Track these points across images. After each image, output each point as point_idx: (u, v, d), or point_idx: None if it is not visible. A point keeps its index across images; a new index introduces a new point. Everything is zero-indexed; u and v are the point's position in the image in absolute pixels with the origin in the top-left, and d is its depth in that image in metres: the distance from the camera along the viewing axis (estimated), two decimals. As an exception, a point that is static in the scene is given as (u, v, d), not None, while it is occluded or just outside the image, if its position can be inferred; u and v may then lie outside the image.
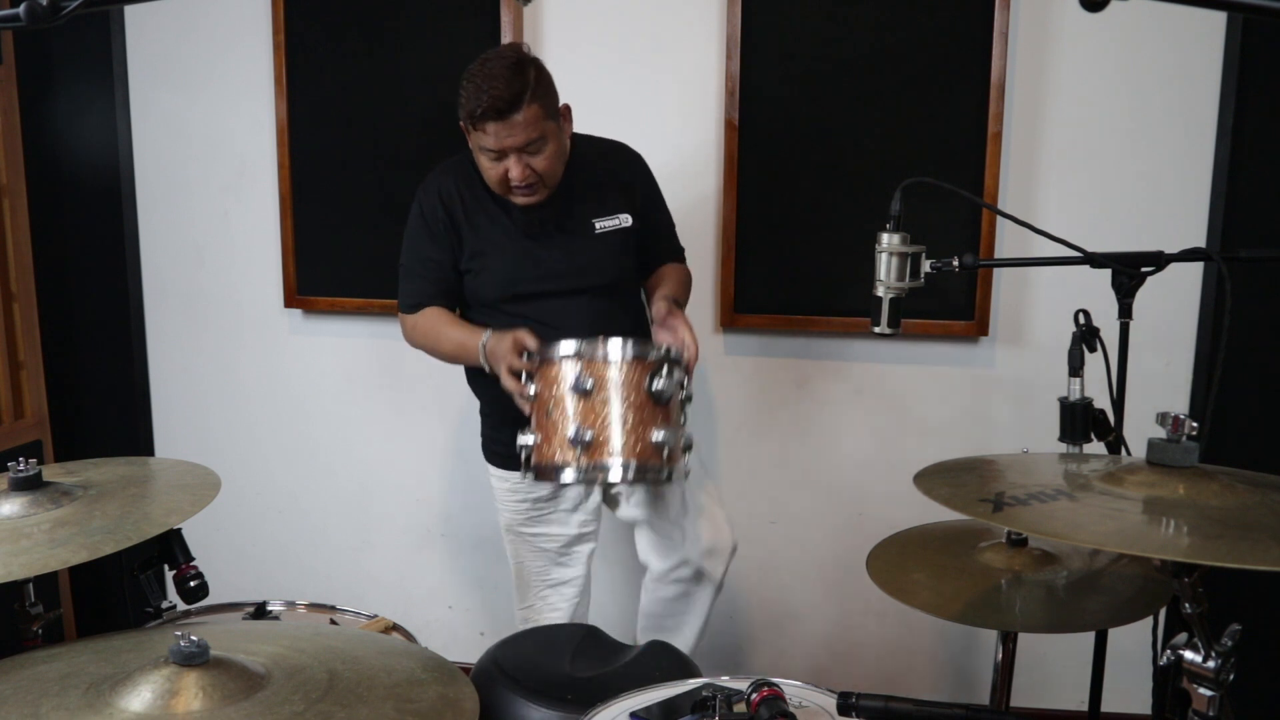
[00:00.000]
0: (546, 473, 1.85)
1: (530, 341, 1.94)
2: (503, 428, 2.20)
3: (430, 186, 2.21)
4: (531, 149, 2.02)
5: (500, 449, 2.28)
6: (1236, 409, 2.57)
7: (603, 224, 2.19)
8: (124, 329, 3.10)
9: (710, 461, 2.94)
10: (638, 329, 2.25)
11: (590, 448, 1.80)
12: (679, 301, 2.25)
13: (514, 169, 2.02)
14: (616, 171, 2.24)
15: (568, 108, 2.13)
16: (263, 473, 3.12)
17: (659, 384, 1.81)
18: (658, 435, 1.81)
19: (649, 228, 2.27)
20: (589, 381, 1.80)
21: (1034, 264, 2.37)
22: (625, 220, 2.20)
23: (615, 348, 1.81)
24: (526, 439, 1.86)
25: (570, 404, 1.81)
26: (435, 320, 2.21)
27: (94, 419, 3.14)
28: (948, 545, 1.86)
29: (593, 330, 2.09)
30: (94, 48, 2.96)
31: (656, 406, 1.83)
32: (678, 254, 2.39)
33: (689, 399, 1.92)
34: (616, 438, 1.80)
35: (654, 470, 1.83)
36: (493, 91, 1.96)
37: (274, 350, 3.07)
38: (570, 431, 1.80)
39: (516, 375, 1.93)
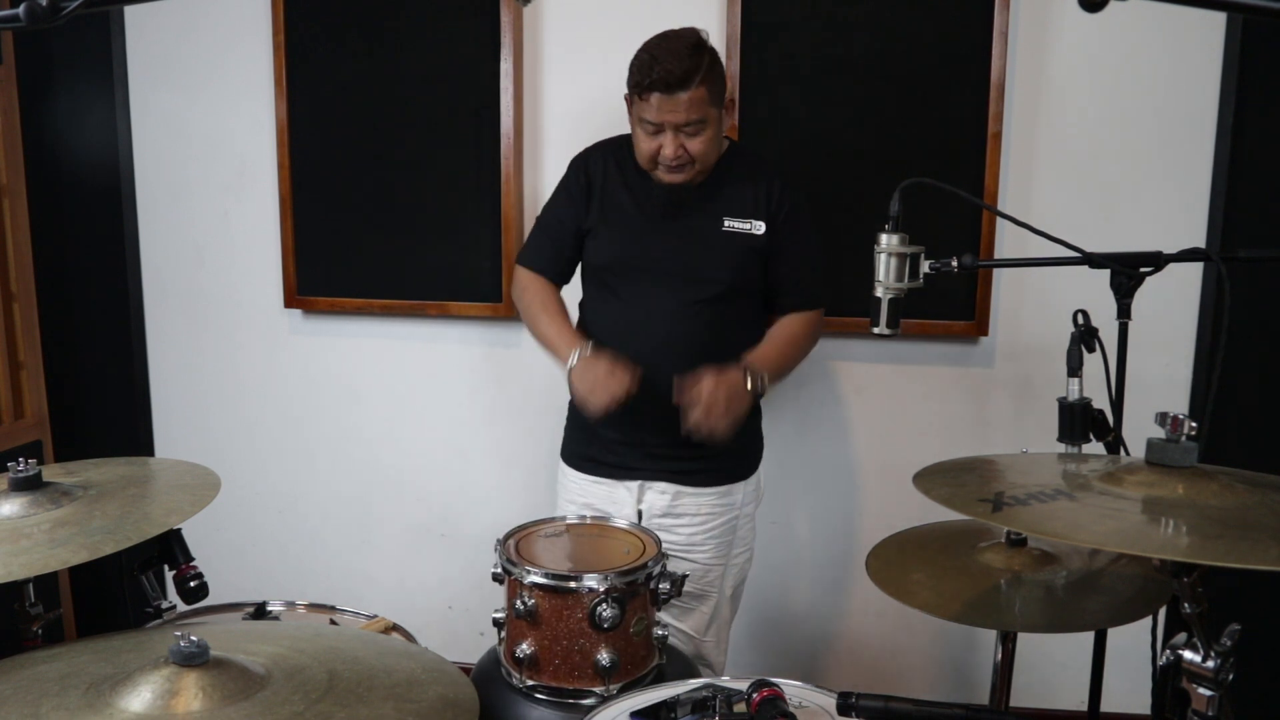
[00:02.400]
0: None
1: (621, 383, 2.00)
2: (583, 430, 2.25)
3: (582, 154, 2.28)
4: (690, 129, 2.03)
5: (579, 449, 2.30)
6: (1236, 409, 2.57)
7: (732, 223, 2.16)
8: (124, 329, 3.10)
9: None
10: (740, 347, 2.16)
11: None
12: (753, 370, 2.07)
13: (668, 145, 2.03)
14: (763, 181, 2.19)
15: (732, 102, 2.14)
16: (263, 473, 3.12)
17: None
18: None
19: (780, 250, 2.19)
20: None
21: (1033, 264, 2.37)
22: (758, 227, 2.15)
23: None
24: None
25: None
26: (541, 297, 2.22)
27: (94, 419, 3.14)
28: (947, 545, 1.86)
29: (689, 336, 2.13)
30: (94, 48, 2.96)
31: None
32: (810, 299, 2.25)
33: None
34: None
35: None
36: (666, 64, 1.98)
37: (274, 350, 3.07)
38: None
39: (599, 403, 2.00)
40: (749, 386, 2.06)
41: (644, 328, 2.16)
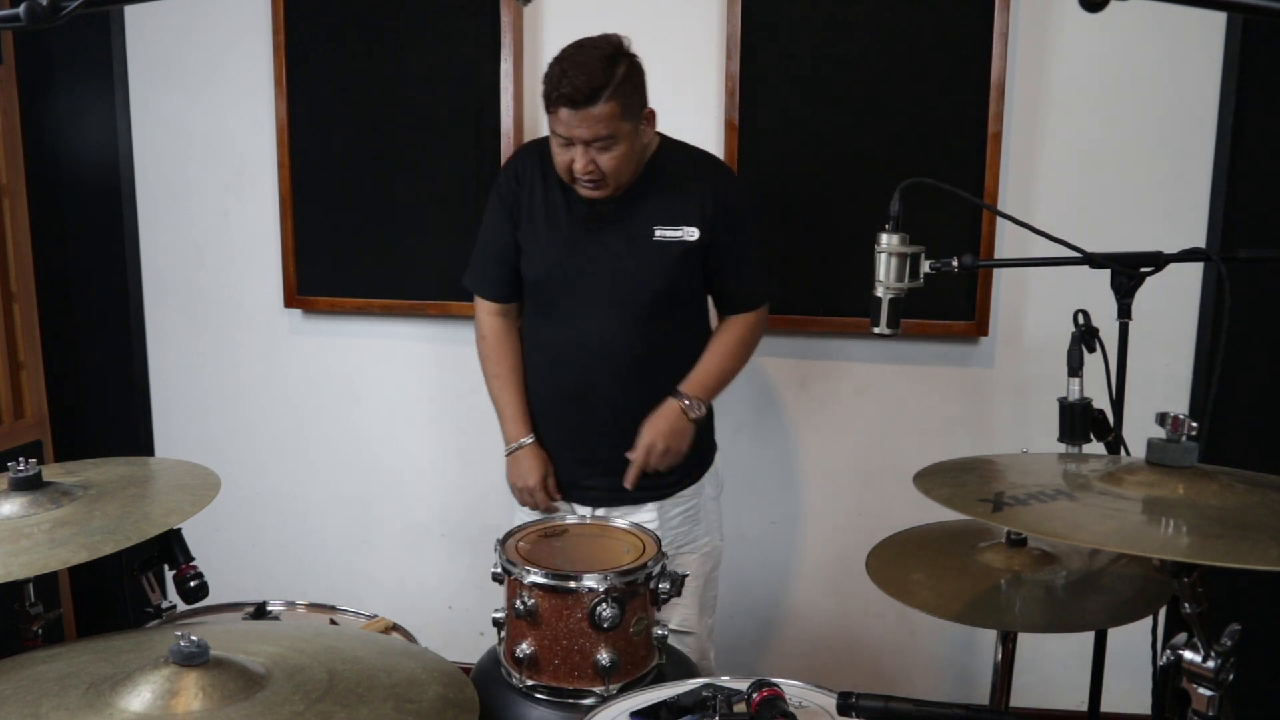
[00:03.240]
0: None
1: (539, 499, 2.16)
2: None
3: (512, 158, 2.25)
4: (600, 145, 1.98)
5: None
6: (1236, 409, 2.57)
7: (663, 232, 2.10)
8: (124, 329, 3.10)
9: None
10: (682, 354, 2.19)
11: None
12: (689, 403, 2.13)
13: (579, 160, 1.99)
14: (696, 183, 2.13)
15: (652, 112, 2.08)
16: (263, 473, 3.12)
17: None
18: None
19: (720, 252, 2.14)
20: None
21: (1033, 264, 2.37)
22: (690, 233, 2.10)
23: None
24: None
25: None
26: (496, 355, 2.24)
27: (94, 419, 3.14)
28: (947, 545, 1.86)
29: (627, 350, 2.11)
30: (94, 48, 2.96)
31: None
32: (751, 301, 2.24)
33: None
34: None
35: None
36: (574, 80, 1.93)
37: (274, 350, 3.07)
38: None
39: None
40: (690, 418, 2.14)
41: (580, 345, 2.13)
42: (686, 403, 2.13)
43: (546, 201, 2.14)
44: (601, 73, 1.94)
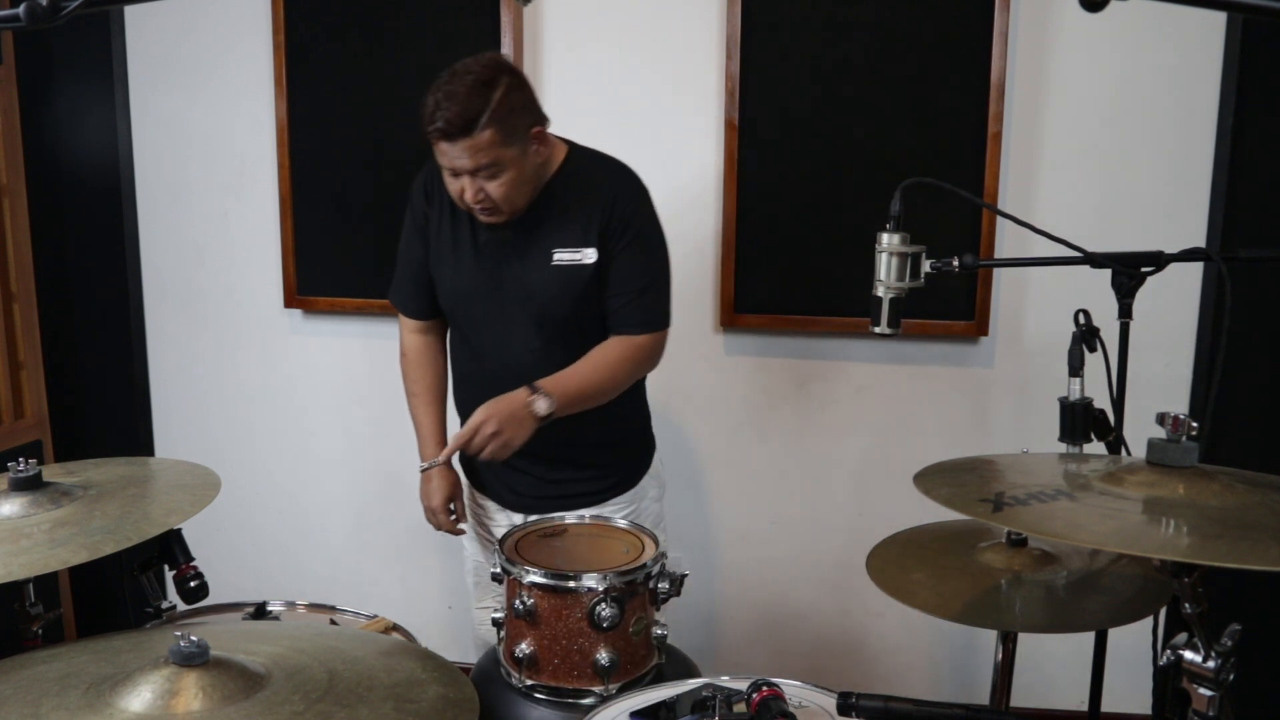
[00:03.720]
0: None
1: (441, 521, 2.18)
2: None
3: (419, 178, 2.15)
4: (485, 174, 1.88)
5: (464, 461, 2.28)
6: (1236, 409, 2.57)
7: (561, 256, 1.99)
8: (124, 329, 3.10)
9: (710, 461, 2.94)
10: None
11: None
12: (539, 393, 1.92)
13: (468, 190, 1.91)
14: (594, 202, 2.00)
15: (540, 132, 1.94)
16: (263, 473, 3.12)
17: None
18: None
19: (609, 270, 2.00)
20: None
21: (1034, 264, 2.37)
22: (588, 255, 1.99)
23: None
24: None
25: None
26: (413, 374, 2.27)
27: (94, 419, 3.14)
28: (948, 545, 1.86)
29: (543, 370, 2.01)
30: (94, 48, 2.97)
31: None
32: (635, 324, 2.04)
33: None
34: None
35: None
36: (447, 112, 1.83)
37: (274, 350, 3.08)
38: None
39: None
40: (532, 412, 1.92)
41: (494, 368, 2.08)
42: (533, 395, 1.93)
43: (453, 225, 2.07)
44: (476, 100, 1.83)
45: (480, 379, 2.13)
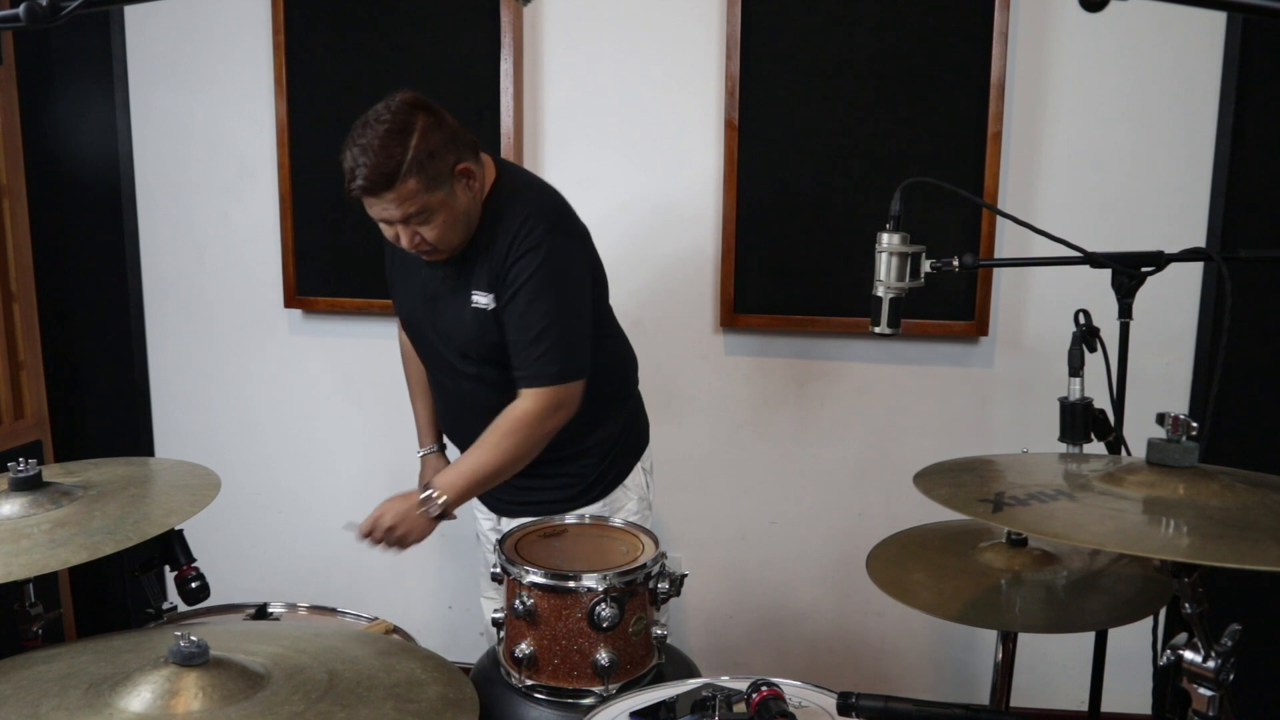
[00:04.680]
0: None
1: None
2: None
3: None
4: (416, 221, 1.84)
5: None
6: (1236, 409, 2.57)
7: (477, 298, 1.95)
8: (124, 329, 3.10)
9: (710, 461, 2.94)
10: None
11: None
12: (432, 495, 1.92)
13: (403, 238, 1.88)
14: (500, 244, 1.92)
15: (466, 168, 1.87)
16: (263, 473, 3.12)
17: None
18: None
19: (505, 323, 1.93)
20: None
21: (1034, 264, 2.37)
22: (490, 300, 1.94)
23: None
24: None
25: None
26: (407, 369, 2.33)
27: (94, 419, 3.14)
28: (948, 545, 1.86)
29: (480, 400, 2.03)
30: (94, 48, 2.96)
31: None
32: (527, 377, 1.93)
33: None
34: None
35: None
36: (365, 169, 1.80)
37: (274, 350, 3.08)
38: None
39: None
40: (423, 511, 1.94)
41: (445, 390, 2.15)
42: (425, 494, 1.94)
43: (403, 256, 2.05)
44: (393, 151, 1.79)
45: (440, 395, 2.21)
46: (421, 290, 2.06)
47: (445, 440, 2.35)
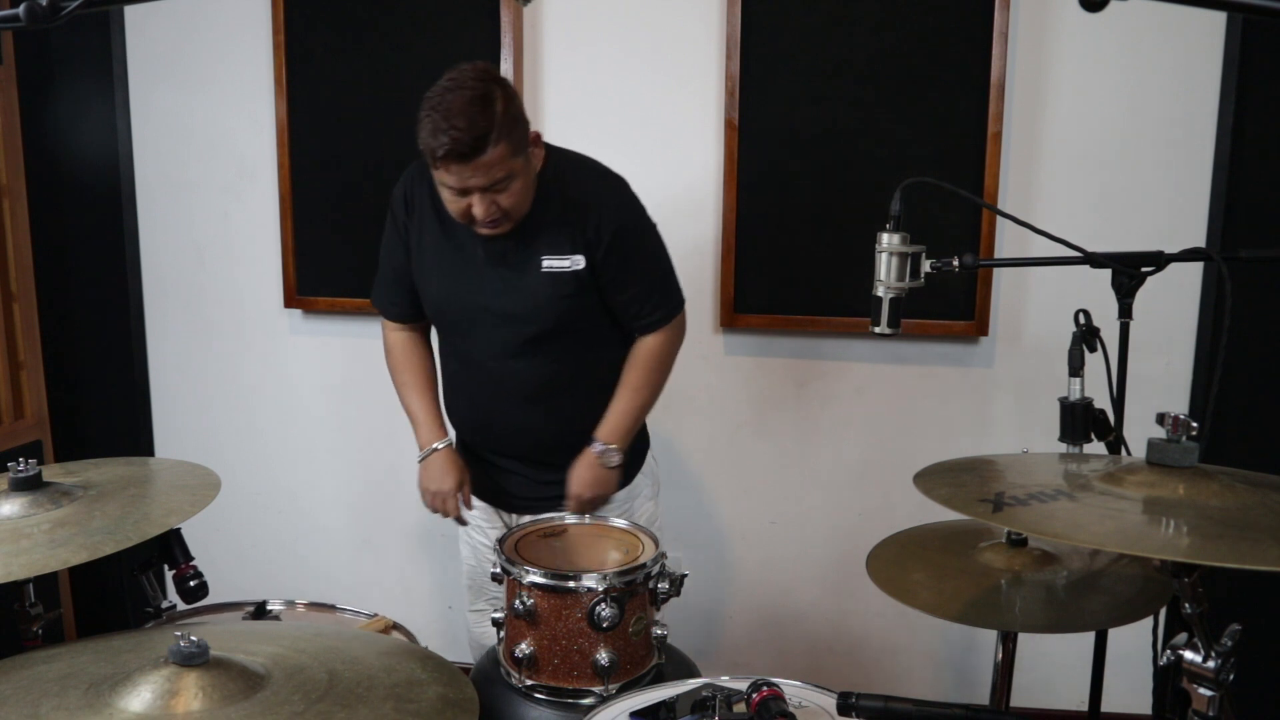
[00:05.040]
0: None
1: (450, 505, 2.09)
2: (463, 449, 2.22)
3: (399, 184, 2.11)
4: (497, 188, 1.86)
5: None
6: (1236, 409, 2.57)
7: (551, 263, 1.98)
8: (124, 329, 3.10)
9: (710, 461, 2.94)
10: (589, 380, 2.11)
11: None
12: (606, 453, 2.07)
13: (478, 207, 1.87)
14: (584, 206, 1.99)
15: (537, 136, 1.95)
16: (263, 473, 3.12)
17: None
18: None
19: (611, 279, 2.02)
20: None
21: (1034, 264, 2.37)
22: (577, 262, 1.98)
23: None
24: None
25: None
26: (401, 364, 2.21)
27: (94, 419, 3.14)
28: (948, 545, 1.86)
29: (528, 379, 2.06)
30: (94, 48, 2.96)
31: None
32: (659, 319, 2.10)
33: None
34: None
35: None
36: (454, 132, 1.78)
37: (274, 350, 3.08)
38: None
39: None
40: (606, 466, 2.09)
41: (481, 376, 2.09)
42: (599, 450, 2.08)
43: (440, 234, 2.05)
44: (482, 118, 1.79)
45: (468, 384, 2.14)
46: (468, 270, 2.03)
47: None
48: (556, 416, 2.11)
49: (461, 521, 2.21)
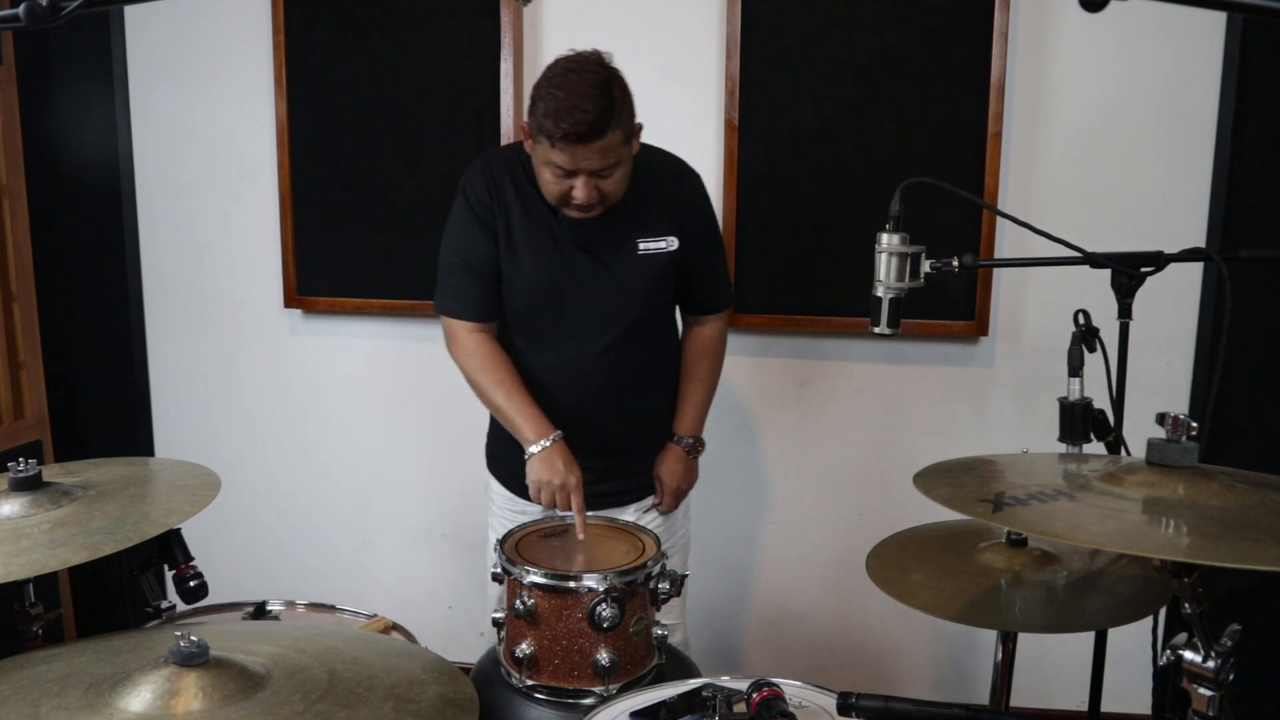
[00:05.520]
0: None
1: (577, 500, 1.96)
2: (511, 445, 2.11)
3: (476, 174, 2.07)
4: (605, 173, 1.90)
5: (508, 466, 2.18)
6: (1236, 409, 2.57)
7: (647, 245, 2.04)
8: (124, 329, 3.10)
9: (710, 461, 2.93)
10: (656, 369, 2.16)
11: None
12: (693, 447, 2.22)
13: (580, 191, 1.90)
14: (668, 187, 2.08)
15: (640, 127, 1.99)
16: (263, 473, 3.12)
17: None
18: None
19: (694, 256, 2.10)
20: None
21: (1034, 264, 2.37)
22: (671, 243, 2.05)
23: None
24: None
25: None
26: (491, 366, 2.07)
27: (94, 419, 3.14)
28: (948, 545, 1.86)
29: (610, 367, 2.06)
30: (94, 48, 2.97)
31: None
32: (722, 299, 2.22)
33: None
34: None
35: None
36: (577, 114, 1.81)
37: (274, 350, 3.08)
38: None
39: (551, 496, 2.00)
40: (693, 457, 2.23)
41: (562, 368, 2.08)
42: (687, 444, 2.21)
43: (526, 223, 2.03)
44: (603, 101, 1.84)
45: (539, 375, 2.09)
46: (558, 259, 2.03)
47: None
48: (626, 410, 2.12)
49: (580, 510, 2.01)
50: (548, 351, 2.09)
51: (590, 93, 1.83)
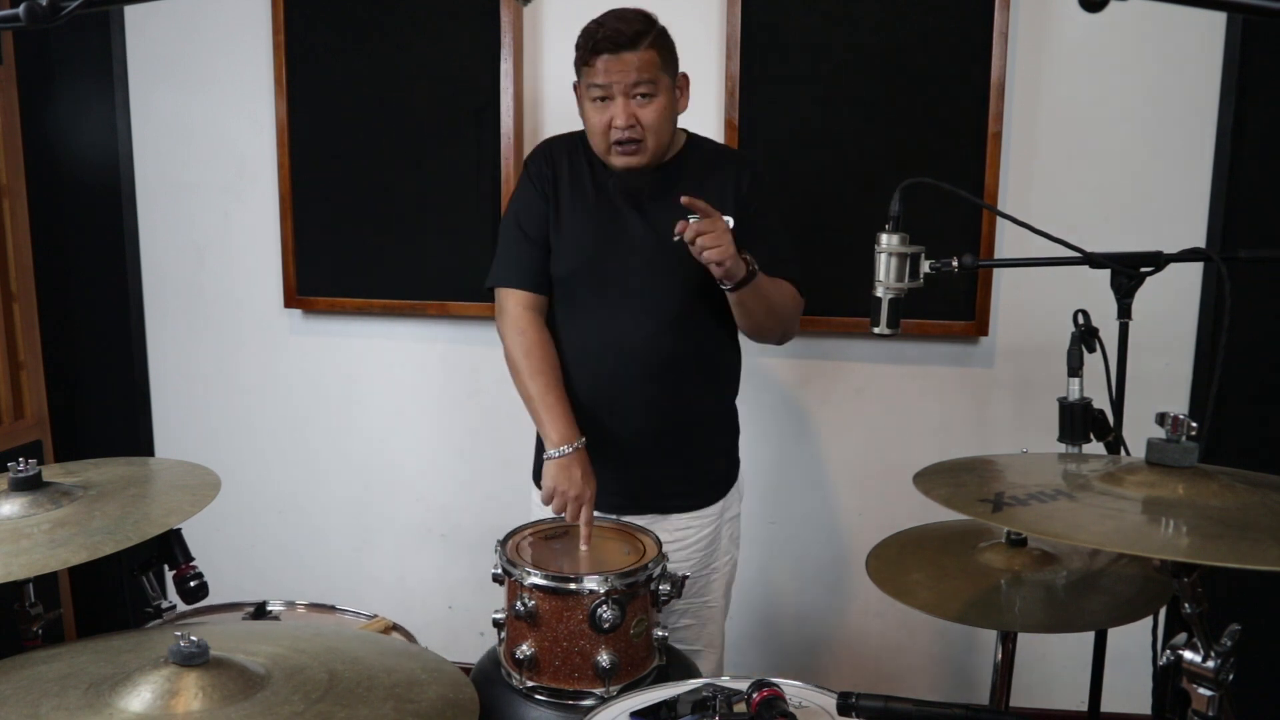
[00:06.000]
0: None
1: (588, 513, 1.94)
2: None
3: (537, 151, 2.16)
4: (641, 92, 1.94)
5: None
6: (1236, 409, 2.57)
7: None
8: (124, 329, 3.10)
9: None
10: (710, 361, 2.12)
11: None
12: (747, 261, 1.92)
13: (619, 114, 1.93)
14: (728, 168, 2.09)
15: (687, 79, 2.05)
16: (263, 473, 3.12)
17: None
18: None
19: (752, 230, 2.00)
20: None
21: (1034, 264, 2.36)
22: (728, 221, 1.96)
23: None
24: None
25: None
26: (538, 348, 2.06)
27: (94, 419, 3.14)
28: (947, 545, 1.86)
29: (661, 346, 2.03)
30: (94, 48, 2.96)
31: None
32: (791, 273, 2.08)
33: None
34: None
35: None
36: (613, 26, 1.93)
37: (274, 350, 3.07)
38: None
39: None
40: (739, 258, 1.89)
41: (610, 344, 2.05)
42: (746, 256, 1.93)
43: (577, 193, 2.07)
44: (641, 22, 1.96)
45: (585, 352, 2.07)
46: (603, 229, 2.05)
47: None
48: (680, 394, 2.08)
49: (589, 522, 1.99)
50: (587, 325, 2.07)
51: (627, 14, 1.97)
